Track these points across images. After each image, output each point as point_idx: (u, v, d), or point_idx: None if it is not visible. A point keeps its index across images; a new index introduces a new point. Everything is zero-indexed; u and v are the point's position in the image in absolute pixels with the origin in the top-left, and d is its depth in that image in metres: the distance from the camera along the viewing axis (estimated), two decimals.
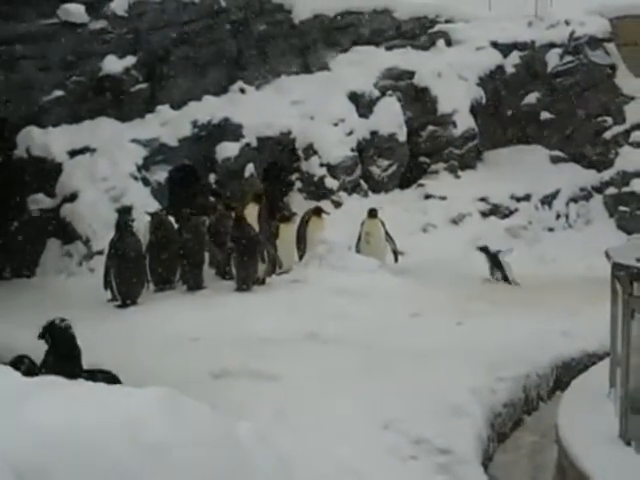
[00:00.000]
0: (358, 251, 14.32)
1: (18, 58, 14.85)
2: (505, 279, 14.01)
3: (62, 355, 6.38)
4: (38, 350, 6.90)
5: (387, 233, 14.60)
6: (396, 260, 14.61)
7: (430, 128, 18.23)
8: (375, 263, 13.57)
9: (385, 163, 17.56)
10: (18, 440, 3.36)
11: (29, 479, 3.27)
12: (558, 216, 17.73)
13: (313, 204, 15.70)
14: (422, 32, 19.42)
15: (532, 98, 19.46)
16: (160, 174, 15.43)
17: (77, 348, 6.70)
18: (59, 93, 15.23)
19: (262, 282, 12.92)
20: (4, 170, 14.70)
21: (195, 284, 12.86)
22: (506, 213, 17.32)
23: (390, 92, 17.92)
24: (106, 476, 3.42)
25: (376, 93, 17.86)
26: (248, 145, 16.25)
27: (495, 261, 14.08)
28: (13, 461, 3.28)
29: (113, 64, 15.68)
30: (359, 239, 14.49)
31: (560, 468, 7.56)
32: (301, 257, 14.23)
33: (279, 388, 8.37)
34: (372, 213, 14.63)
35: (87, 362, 7.10)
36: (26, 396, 3.64)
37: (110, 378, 6.52)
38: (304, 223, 14.54)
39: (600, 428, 7.27)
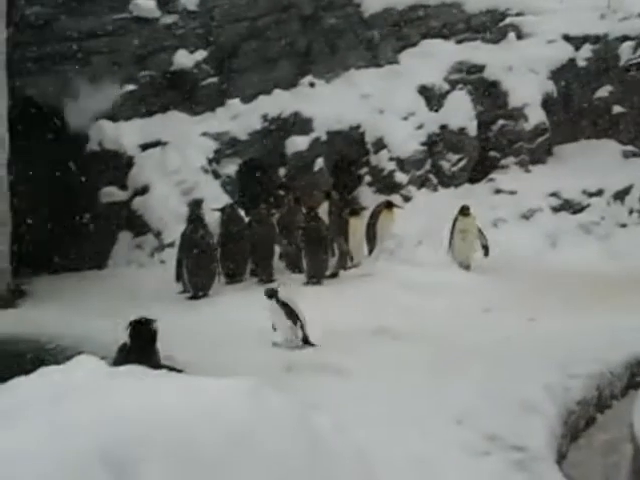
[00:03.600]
0: (451, 248, 14.21)
1: (90, 53, 15.04)
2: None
3: (139, 352, 6.42)
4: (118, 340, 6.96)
5: (479, 229, 14.46)
6: (486, 254, 14.39)
7: (500, 122, 18.03)
8: (446, 258, 13.54)
9: (455, 157, 17.42)
10: (106, 428, 3.40)
11: (119, 468, 3.31)
12: (631, 211, 17.42)
13: (382, 198, 15.68)
14: (492, 25, 19.21)
15: (604, 92, 19.14)
16: (230, 167, 15.50)
17: (155, 347, 6.74)
18: (131, 87, 15.39)
19: (335, 275, 12.98)
20: (77, 163, 14.90)
21: (265, 277, 12.94)
22: (578, 208, 17.05)
23: (460, 86, 17.77)
24: (193, 464, 3.45)
25: (446, 87, 17.73)
26: (318, 139, 16.25)
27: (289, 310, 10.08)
28: (102, 448, 3.33)
29: (184, 58, 15.80)
30: (451, 236, 14.28)
31: (636, 468, 7.44)
32: (371, 251, 14.23)
33: (351, 382, 8.39)
34: (465, 211, 14.37)
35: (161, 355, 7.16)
36: (113, 385, 3.69)
37: None
38: (375, 217, 14.52)
39: None
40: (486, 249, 14.42)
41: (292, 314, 9.83)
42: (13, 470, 3.21)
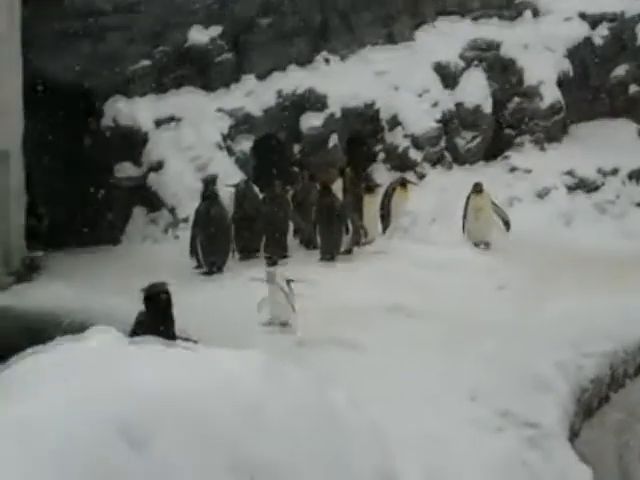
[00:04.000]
0: (466, 228, 14.01)
1: (105, 29, 15.01)
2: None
3: (157, 320, 6.45)
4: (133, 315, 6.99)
5: (495, 204, 14.24)
6: (508, 229, 14.19)
7: (516, 100, 17.95)
8: (460, 236, 13.51)
9: (470, 135, 17.37)
10: (122, 398, 3.42)
11: (132, 436, 3.33)
12: None
13: (396, 176, 15.66)
14: (508, 3, 19.08)
15: (621, 70, 19.05)
16: (245, 144, 15.48)
17: (172, 315, 6.78)
18: (145, 63, 15.36)
19: (349, 252, 13.00)
20: (92, 139, 14.92)
21: (279, 253, 12.96)
22: (593, 187, 17.00)
23: (476, 63, 17.70)
24: (204, 434, 3.47)
25: (461, 64, 17.65)
26: (332, 116, 16.20)
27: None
28: (117, 419, 3.35)
29: (199, 34, 15.75)
30: (465, 216, 14.06)
31: None
32: (385, 229, 14.22)
33: (364, 357, 8.42)
34: (478, 188, 14.11)
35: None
36: (129, 355, 3.71)
37: None
38: (389, 194, 14.50)
39: None
40: (507, 224, 14.24)
41: (291, 297, 9.82)
42: (30, 440, 3.23)
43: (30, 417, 3.29)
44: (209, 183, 14.14)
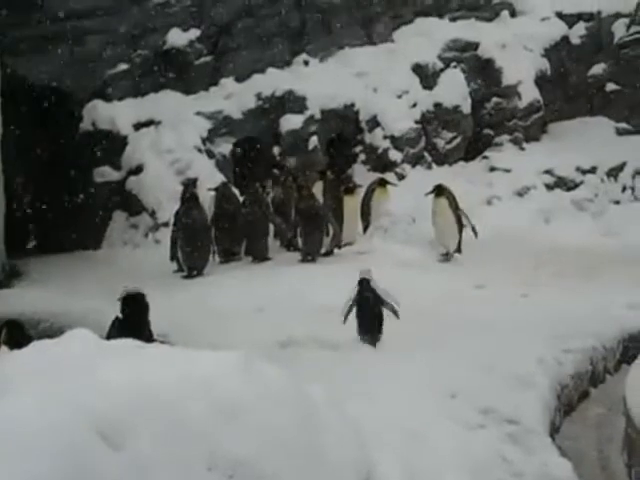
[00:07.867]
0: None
1: (84, 32, 14.96)
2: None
3: (131, 325, 6.47)
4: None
5: (458, 209, 13.47)
6: (476, 235, 13.51)
7: (495, 100, 18.04)
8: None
9: (449, 135, 17.43)
10: (98, 398, 3.43)
11: (109, 435, 3.33)
12: (624, 188, 17.47)
13: (376, 176, 15.68)
14: (486, 3, 19.17)
15: (598, 69, 19.21)
16: (224, 147, 15.47)
17: (147, 320, 6.79)
18: (124, 67, 15.33)
19: (329, 254, 13.03)
20: (70, 143, 14.87)
21: (260, 255, 12.99)
22: (571, 186, 17.08)
23: (454, 64, 17.76)
24: (182, 433, 3.48)
25: (440, 65, 17.70)
26: (312, 117, 16.19)
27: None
28: (94, 418, 3.35)
29: (177, 37, 15.73)
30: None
31: (628, 440, 7.51)
32: (365, 229, 14.25)
33: (345, 357, 8.42)
34: (435, 191, 13.50)
35: (154, 332, 7.18)
36: (106, 356, 3.71)
37: None
38: (369, 194, 14.53)
39: None
40: (473, 229, 13.45)
41: None
42: (5, 439, 3.23)
43: (4, 415, 3.29)
44: (189, 186, 14.11)
